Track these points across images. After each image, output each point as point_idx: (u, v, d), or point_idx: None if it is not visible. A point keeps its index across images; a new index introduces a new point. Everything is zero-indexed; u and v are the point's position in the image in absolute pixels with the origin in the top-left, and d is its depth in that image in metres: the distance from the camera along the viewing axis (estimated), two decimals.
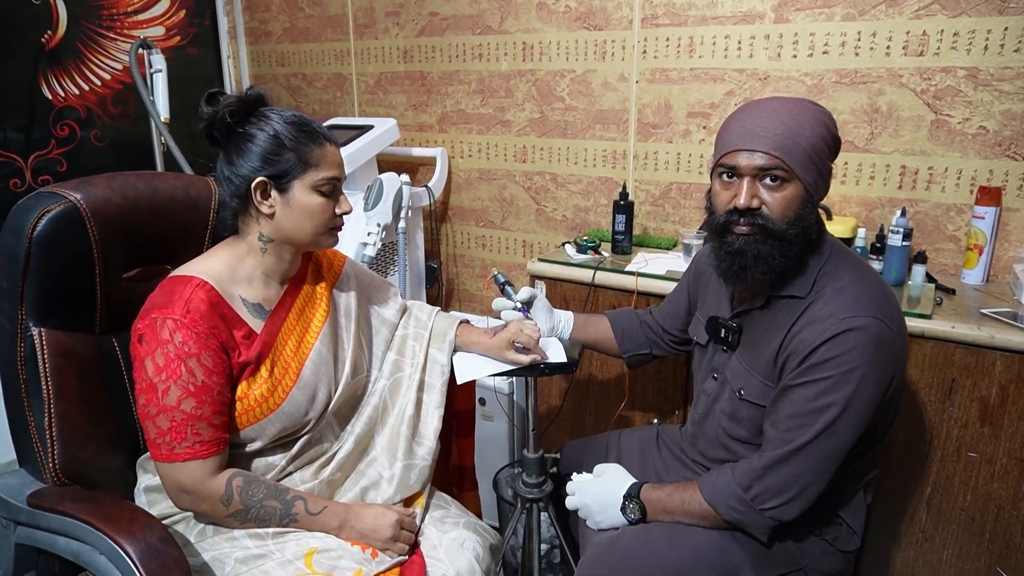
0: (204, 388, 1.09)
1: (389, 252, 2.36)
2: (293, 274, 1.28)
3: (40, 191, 1.23)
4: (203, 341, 1.10)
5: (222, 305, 1.15)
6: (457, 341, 1.44)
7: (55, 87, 2.49)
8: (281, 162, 1.15)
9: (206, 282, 1.14)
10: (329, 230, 1.22)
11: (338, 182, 1.21)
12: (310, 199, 1.17)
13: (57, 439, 1.20)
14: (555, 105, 2.30)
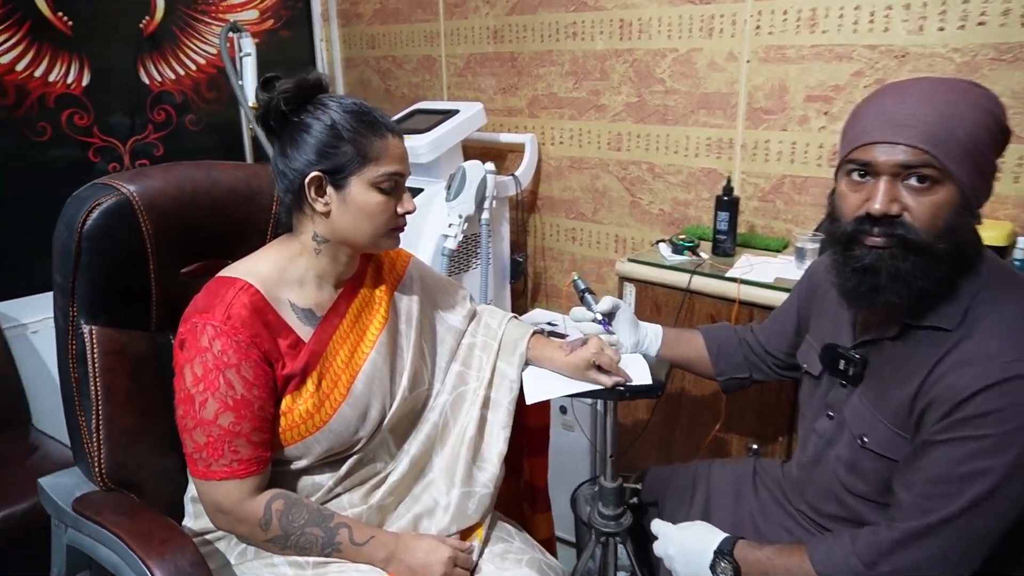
0: (243, 402, 1.00)
1: (471, 244, 2.24)
2: (349, 276, 1.17)
3: (95, 182, 1.17)
4: (243, 351, 1.01)
5: (267, 311, 1.05)
6: (529, 354, 1.29)
7: (152, 72, 2.51)
8: (338, 155, 1.04)
9: (251, 285, 1.05)
10: (390, 231, 1.11)
11: (401, 178, 1.09)
12: (369, 197, 1.06)
13: (104, 443, 1.15)
14: (654, 88, 2.09)
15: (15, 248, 2.21)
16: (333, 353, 1.11)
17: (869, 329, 1.01)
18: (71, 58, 2.30)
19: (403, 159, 1.09)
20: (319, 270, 1.12)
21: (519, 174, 2.34)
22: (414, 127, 2.25)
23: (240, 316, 1.01)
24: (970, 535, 0.85)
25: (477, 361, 1.29)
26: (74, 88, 2.32)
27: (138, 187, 1.17)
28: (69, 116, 2.32)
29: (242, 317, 1.01)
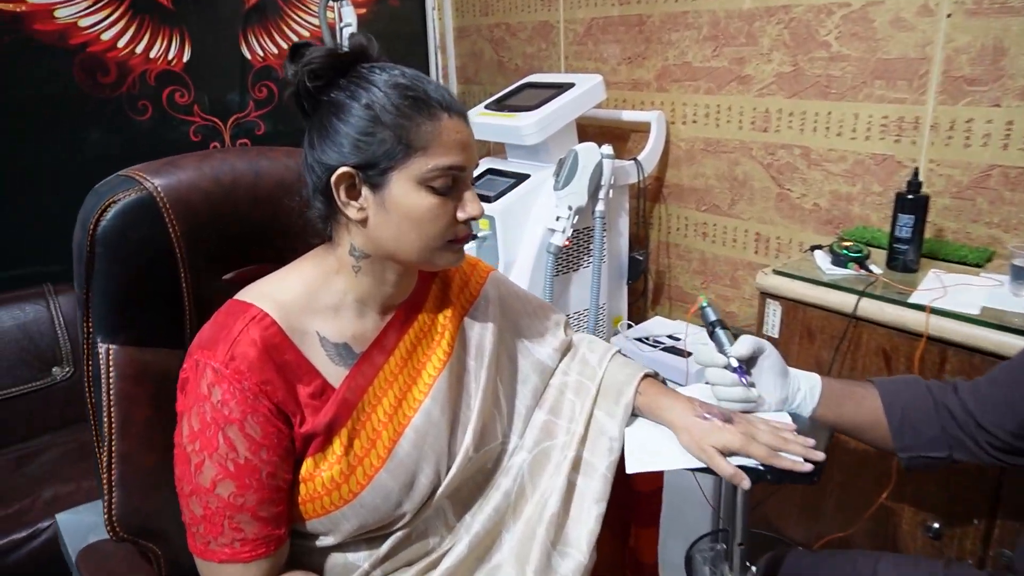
0: (247, 468, 0.77)
1: (583, 240, 1.94)
2: (403, 300, 0.92)
3: (119, 173, 0.98)
4: (249, 402, 0.78)
5: (284, 348, 0.81)
6: (639, 402, 0.99)
7: (254, 46, 2.38)
8: (374, 144, 0.79)
9: (266, 315, 0.81)
10: (447, 243, 0.84)
11: (461, 172, 0.82)
12: (415, 198, 0.80)
13: (117, 485, 0.97)
14: (816, 54, 1.68)
15: None
16: (373, 402, 0.86)
17: None
18: (172, 33, 2.20)
19: (464, 147, 0.82)
20: (360, 293, 0.87)
21: (642, 158, 2.00)
22: (521, 104, 1.97)
23: (246, 357, 0.78)
24: None
25: (568, 408, 1.01)
26: (175, 64, 2.22)
27: (165, 180, 0.97)
28: (170, 94, 2.23)
29: (249, 358, 0.78)
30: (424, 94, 0.80)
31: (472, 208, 0.83)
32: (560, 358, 1.07)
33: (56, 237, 2.07)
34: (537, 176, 1.90)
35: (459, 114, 0.82)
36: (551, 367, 1.05)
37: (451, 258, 0.86)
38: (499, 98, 2.11)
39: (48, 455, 1.84)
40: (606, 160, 1.83)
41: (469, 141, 0.83)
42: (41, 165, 2.02)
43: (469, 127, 0.84)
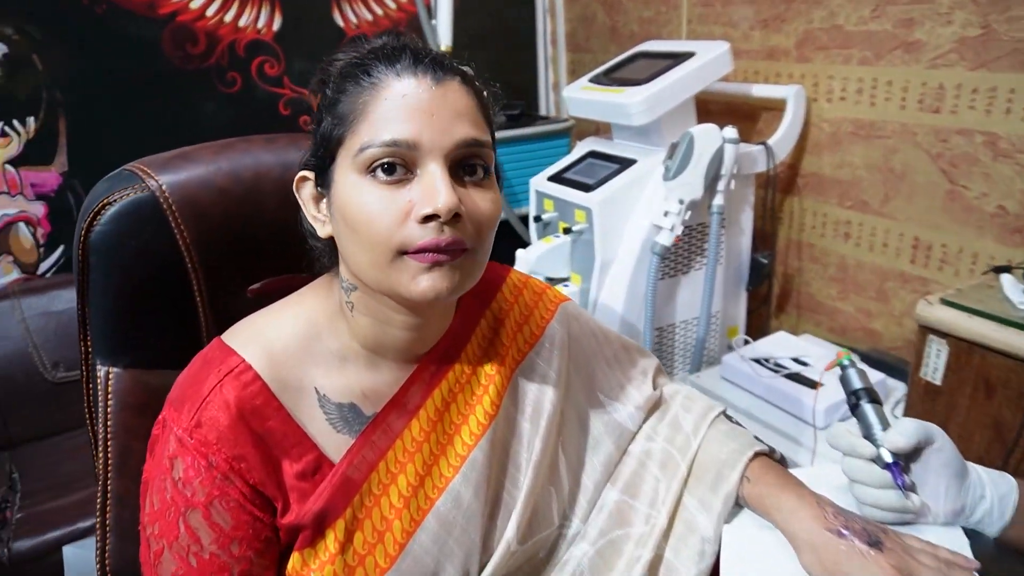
0: (213, 565, 0.60)
1: (695, 238, 1.66)
2: (432, 344, 0.71)
3: (122, 168, 0.84)
4: (217, 483, 0.61)
5: (268, 413, 0.63)
6: (746, 492, 0.74)
7: (348, 14, 2.23)
8: (319, 133, 0.63)
9: (250, 367, 0.63)
10: (397, 256, 0.59)
11: (413, 148, 0.58)
12: (354, 192, 0.60)
13: (112, 530, 0.84)
14: (1016, 11, 1.30)
15: None
16: (385, 480, 0.66)
17: None
18: (262, 1, 2.08)
19: (421, 114, 0.58)
20: (365, 338, 0.67)
21: (774, 143, 1.68)
22: (631, 76, 1.69)
23: (216, 425, 0.61)
24: None
25: (650, 488, 0.77)
26: (264, 34, 2.11)
27: (171, 177, 0.82)
28: (260, 64, 2.13)
29: (219, 426, 0.61)
30: (367, 56, 0.61)
31: (429, 200, 0.57)
32: (645, 418, 0.83)
33: None
34: (645, 162, 1.63)
35: (421, 72, 0.59)
36: (631, 430, 0.81)
37: (412, 278, 0.59)
38: (607, 69, 1.84)
39: None
40: (728, 145, 1.54)
41: (430, 106, 0.58)
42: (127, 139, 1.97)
43: (442, 88, 0.59)
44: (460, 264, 0.60)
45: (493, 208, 0.62)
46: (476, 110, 0.62)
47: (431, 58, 0.60)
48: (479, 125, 0.61)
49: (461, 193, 0.59)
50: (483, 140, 0.61)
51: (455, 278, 0.60)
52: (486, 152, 0.62)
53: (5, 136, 1.85)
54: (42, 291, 1.88)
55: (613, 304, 1.61)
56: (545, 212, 1.74)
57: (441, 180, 0.58)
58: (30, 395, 1.81)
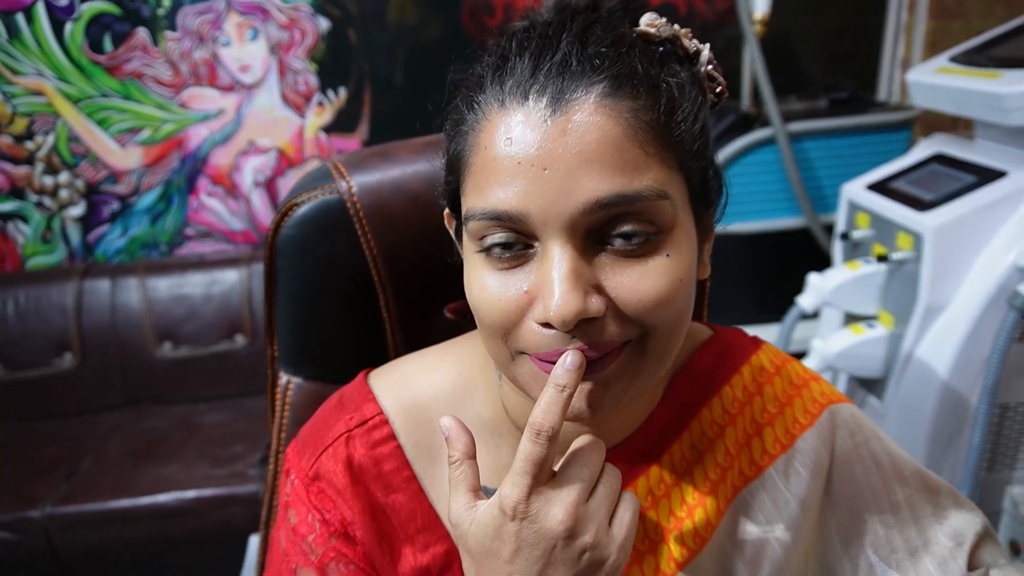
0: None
1: None
2: (626, 434, 0.53)
3: (322, 163, 0.76)
4: (333, 543, 0.50)
5: (397, 482, 0.52)
6: None
7: None
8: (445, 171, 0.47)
9: (386, 422, 0.52)
10: (515, 354, 0.43)
11: (523, 223, 0.40)
12: (469, 266, 0.45)
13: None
14: None
15: None
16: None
17: None
18: None
19: (524, 168, 0.39)
20: (519, 416, 0.51)
21: None
22: (1016, 55, 1.22)
23: (333, 482, 0.51)
24: None
25: None
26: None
27: (364, 178, 0.72)
28: None
29: (336, 485, 0.51)
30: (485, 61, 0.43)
31: (543, 299, 0.39)
32: None
33: None
34: (1019, 177, 1.18)
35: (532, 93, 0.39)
36: None
37: (533, 379, 0.43)
38: (983, 43, 1.36)
39: None
40: None
41: (539, 156, 0.39)
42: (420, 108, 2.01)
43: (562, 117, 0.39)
44: (610, 373, 0.40)
45: (661, 286, 0.40)
46: (627, 139, 0.39)
47: (556, 61, 0.39)
48: (629, 166, 0.39)
49: (604, 275, 0.40)
50: (631, 194, 0.39)
51: (607, 393, 0.41)
52: (644, 206, 0.39)
53: (321, 105, 2.00)
54: None
55: (935, 363, 1.20)
56: (856, 229, 1.36)
57: (559, 270, 0.38)
58: None
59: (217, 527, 1.58)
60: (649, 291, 0.40)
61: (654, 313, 0.40)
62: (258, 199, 2.09)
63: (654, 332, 0.41)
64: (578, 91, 0.39)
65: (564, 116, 0.38)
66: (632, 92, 0.40)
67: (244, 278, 1.95)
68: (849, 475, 0.54)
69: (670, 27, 0.45)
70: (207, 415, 1.89)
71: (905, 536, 0.54)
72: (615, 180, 0.38)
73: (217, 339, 1.94)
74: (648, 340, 0.41)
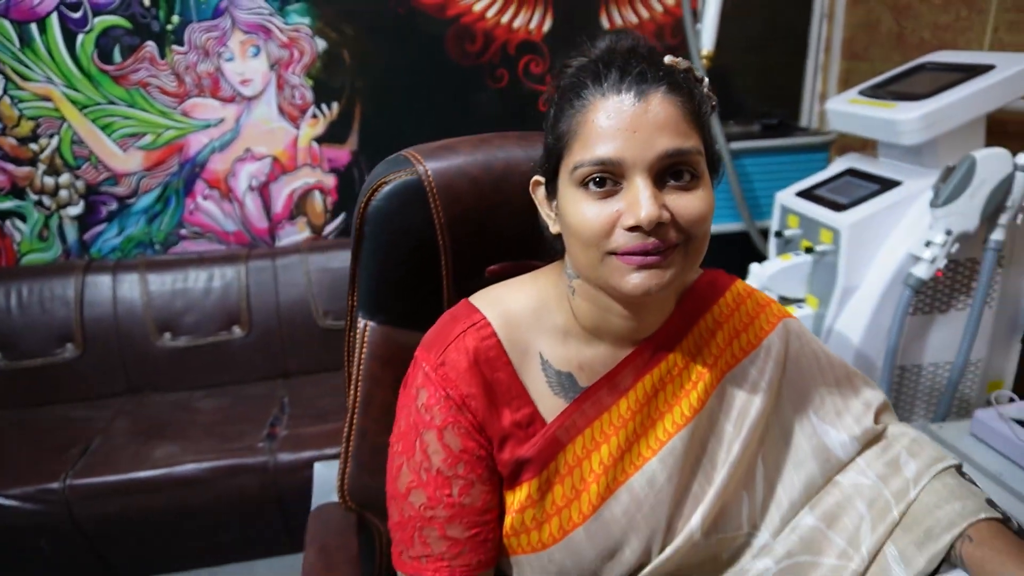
0: (439, 480, 0.71)
1: (961, 275, 1.48)
2: (650, 333, 0.76)
3: (399, 154, 0.98)
4: (451, 411, 0.71)
5: (498, 364, 0.73)
6: (967, 552, 0.68)
7: (614, 16, 2.30)
8: (546, 146, 0.70)
9: (489, 324, 0.74)
10: (605, 256, 0.65)
11: (617, 166, 0.63)
12: (570, 202, 0.67)
13: (352, 457, 1.00)
14: None
15: None
16: (589, 446, 0.73)
17: None
18: (536, 4, 2.22)
19: (624, 133, 0.63)
20: (584, 320, 0.74)
21: None
22: (909, 90, 1.55)
23: (456, 365, 0.72)
24: None
25: (853, 523, 0.74)
26: (534, 34, 2.26)
27: (436, 164, 0.94)
28: (526, 63, 2.28)
29: (458, 367, 0.72)
30: (578, 72, 0.66)
31: (632, 212, 0.62)
32: (859, 451, 0.78)
33: None
34: (912, 185, 1.49)
35: (626, 88, 0.63)
36: (841, 459, 0.78)
37: (623, 278, 0.65)
38: (883, 81, 1.70)
39: None
40: (1020, 174, 1.36)
41: (633, 123, 0.62)
42: (406, 125, 2.23)
43: (645, 103, 0.62)
44: (669, 262, 0.64)
45: (702, 207, 0.64)
46: (681, 118, 0.64)
47: (636, 73, 0.64)
48: (683, 133, 0.63)
49: (668, 199, 0.63)
50: (686, 148, 0.63)
51: (664, 275, 0.64)
52: (691, 158, 0.64)
53: (315, 117, 2.20)
54: (324, 250, 2.21)
55: (850, 334, 1.50)
56: (788, 228, 1.67)
57: (644, 193, 0.62)
58: (305, 336, 2.15)
59: (230, 496, 1.72)
60: (695, 210, 0.64)
61: (696, 225, 0.64)
62: (251, 203, 2.25)
63: (693, 240, 0.65)
64: (651, 89, 0.63)
65: (644, 103, 0.62)
66: (680, 93, 0.64)
67: (242, 275, 2.11)
68: (798, 365, 0.80)
69: (686, 62, 0.69)
70: (206, 400, 2.02)
71: (834, 403, 0.80)
72: (675, 140, 0.63)
73: (215, 330, 2.09)
74: (690, 244, 0.65)
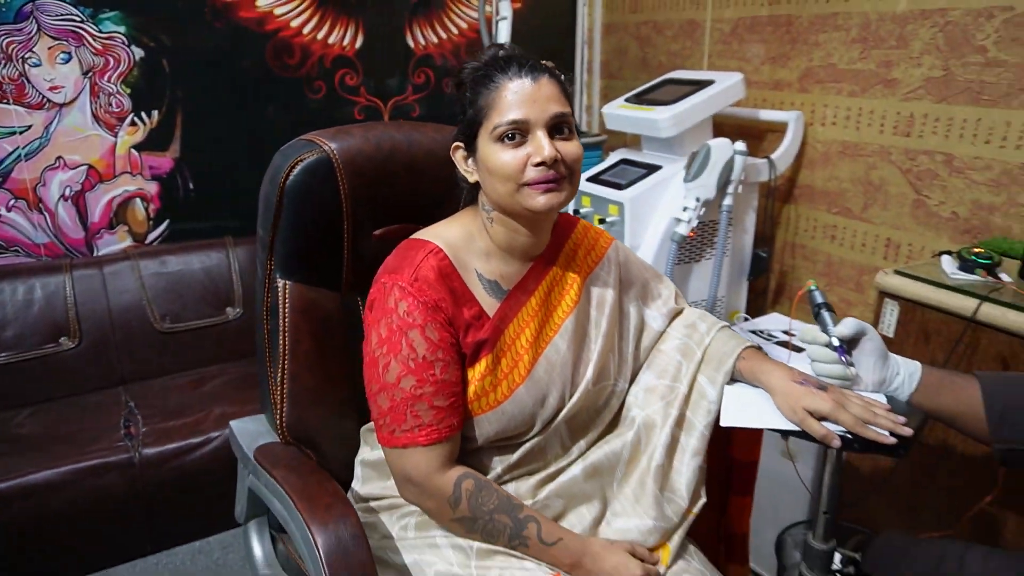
0: (425, 364, 0.95)
1: (707, 232, 1.99)
2: (539, 252, 1.07)
3: (301, 138, 1.18)
4: (428, 312, 0.95)
5: (453, 277, 0.99)
6: (741, 366, 1.07)
7: (417, 36, 2.60)
8: (465, 120, 0.98)
9: (440, 249, 0.99)
10: (520, 186, 0.94)
11: (524, 124, 0.93)
12: (491, 153, 0.95)
13: (287, 398, 1.16)
14: (970, 59, 1.64)
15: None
16: (517, 331, 1.02)
17: None
18: (349, 22, 2.46)
19: (527, 103, 0.93)
20: (500, 241, 1.03)
21: (776, 157, 2.02)
22: (659, 98, 2.05)
23: (427, 279, 0.96)
24: None
25: (674, 369, 1.11)
26: (348, 50, 2.48)
27: (339, 144, 1.16)
28: (341, 76, 2.50)
29: (429, 280, 0.96)
30: (490, 65, 0.95)
31: (538, 153, 0.92)
32: (670, 322, 1.16)
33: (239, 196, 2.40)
34: (669, 168, 1.98)
35: (524, 75, 0.94)
36: (659, 330, 1.15)
37: (532, 201, 0.94)
38: (640, 92, 2.20)
39: (219, 380, 2.14)
40: (738, 156, 1.88)
41: (532, 96, 0.93)
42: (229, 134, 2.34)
43: (538, 84, 0.93)
44: (562, 187, 0.95)
45: (578, 151, 0.97)
46: (560, 93, 0.96)
47: (529, 64, 0.95)
48: (563, 103, 0.96)
49: (557, 145, 0.94)
50: (566, 112, 0.96)
51: (560, 196, 0.95)
52: (569, 119, 0.96)
53: (134, 125, 2.22)
54: (155, 255, 2.24)
55: None
56: (583, 207, 2.09)
57: (545, 140, 0.93)
58: (142, 342, 2.16)
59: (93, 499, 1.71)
60: (575, 152, 0.95)
61: (576, 163, 0.96)
62: (65, 212, 2.20)
63: (575, 174, 0.96)
64: (540, 75, 0.94)
65: (537, 84, 0.93)
66: (555, 78, 0.96)
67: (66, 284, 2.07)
68: (627, 269, 1.15)
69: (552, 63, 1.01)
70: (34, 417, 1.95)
71: (649, 292, 1.17)
72: (560, 106, 0.94)
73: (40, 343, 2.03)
74: (572, 178, 0.96)
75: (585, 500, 1.06)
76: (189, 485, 1.83)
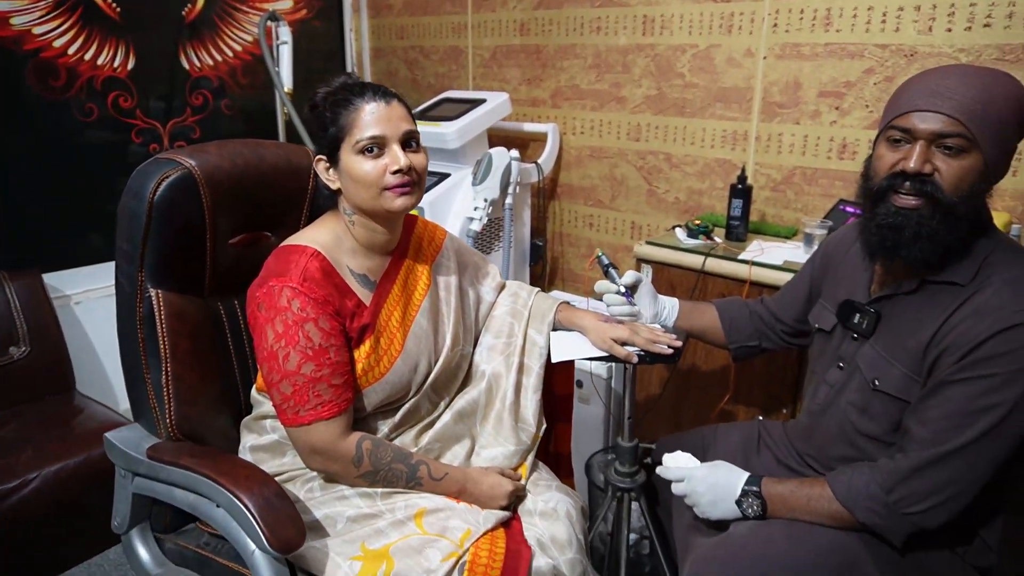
0: (321, 351, 1.11)
1: (495, 228, 2.34)
2: (394, 247, 1.28)
3: (157, 157, 1.26)
4: (319, 306, 1.12)
5: (334, 274, 1.17)
6: (559, 317, 1.40)
7: (192, 58, 2.62)
8: (327, 137, 1.17)
9: (318, 252, 1.16)
10: (382, 191, 1.14)
11: (382, 139, 1.14)
12: (354, 163, 1.14)
13: (173, 397, 1.22)
14: (674, 82, 2.18)
15: (60, 223, 2.33)
16: (388, 314, 1.22)
17: (885, 286, 1.12)
18: (118, 43, 2.41)
19: (383, 121, 1.13)
20: (362, 240, 1.22)
21: (541, 162, 2.44)
22: (442, 115, 2.36)
23: (315, 278, 1.12)
24: (978, 462, 0.97)
25: (508, 328, 1.40)
26: (120, 72, 2.43)
27: (198, 161, 1.26)
28: (115, 98, 2.44)
29: (316, 279, 1.12)
30: (345, 92, 1.16)
31: (394, 163, 1.13)
32: (497, 295, 1.46)
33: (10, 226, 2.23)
34: (457, 175, 2.30)
35: (381, 99, 1.16)
36: (491, 301, 1.44)
37: (392, 203, 1.14)
38: (422, 110, 2.49)
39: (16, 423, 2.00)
40: (514, 162, 2.25)
41: (390, 117, 1.14)
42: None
43: (390, 107, 1.14)
44: (413, 191, 1.18)
45: (425, 161, 1.21)
46: (407, 114, 1.20)
47: (381, 90, 1.18)
48: (410, 121, 1.20)
49: (409, 156, 1.17)
50: (415, 129, 1.19)
51: (412, 198, 1.18)
52: (416, 134, 1.20)
53: None
54: None
55: None
56: None
57: (400, 153, 1.16)
58: None
59: None
60: (423, 161, 1.19)
61: (424, 171, 1.17)
62: None
63: (421, 180, 1.20)
64: (390, 99, 1.16)
65: (389, 106, 1.15)
66: (402, 102, 1.19)
67: None
68: (461, 256, 1.42)
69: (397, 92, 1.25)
70: None
71: (481, 271, 1.45)
72: (409, 124, 1.17)
73: None
74: (421, 183, 1.19)
75: (457, 440, 1.31)
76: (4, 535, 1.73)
